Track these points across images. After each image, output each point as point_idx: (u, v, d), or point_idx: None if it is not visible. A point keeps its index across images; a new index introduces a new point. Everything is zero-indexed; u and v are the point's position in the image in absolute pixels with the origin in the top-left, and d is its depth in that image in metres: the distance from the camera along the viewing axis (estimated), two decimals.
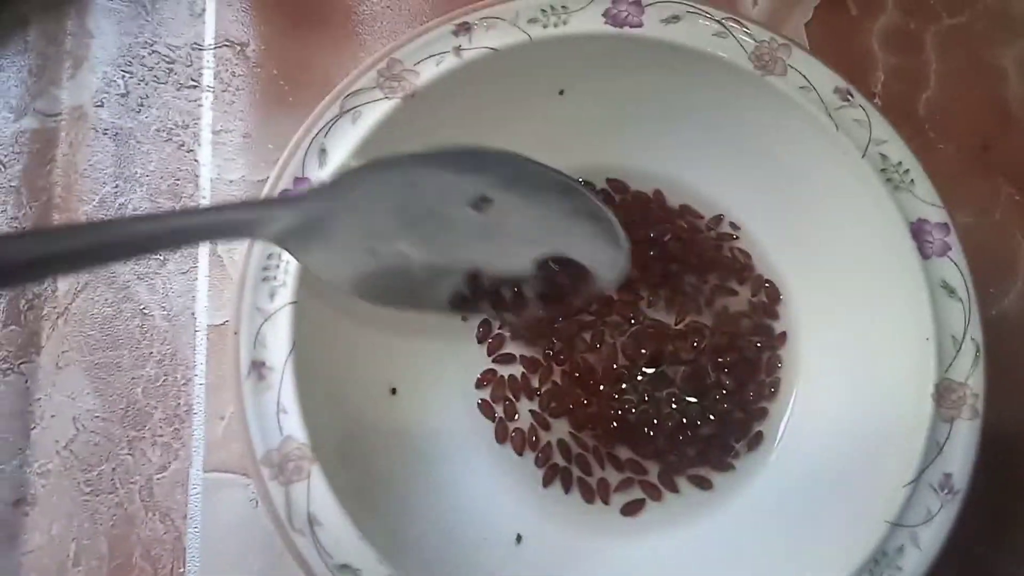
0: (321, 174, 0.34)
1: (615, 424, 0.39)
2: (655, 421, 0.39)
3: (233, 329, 0.32)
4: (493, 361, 0.40)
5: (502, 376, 0.40)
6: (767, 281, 0.40)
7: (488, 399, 0.39)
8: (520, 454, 0.39)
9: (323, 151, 0.34)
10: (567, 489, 0.38)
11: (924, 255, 0.34)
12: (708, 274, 0.40)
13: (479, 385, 0.39)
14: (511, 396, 0.39)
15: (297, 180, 0.34)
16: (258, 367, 0.32)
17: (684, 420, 0.39)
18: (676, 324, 0.40)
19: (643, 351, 0.39)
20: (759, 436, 0.38)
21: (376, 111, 0.34)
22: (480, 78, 0.35)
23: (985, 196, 0.44)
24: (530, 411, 0.39)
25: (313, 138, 0.34)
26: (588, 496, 0.38)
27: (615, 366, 0.39)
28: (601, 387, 0.39)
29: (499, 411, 0.39)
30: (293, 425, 0.32)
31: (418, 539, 0.34)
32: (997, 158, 0.44)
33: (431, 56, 0.35)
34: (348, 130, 0.34)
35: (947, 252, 0.34)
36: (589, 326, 0.40)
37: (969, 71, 0.45)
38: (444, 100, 0.35)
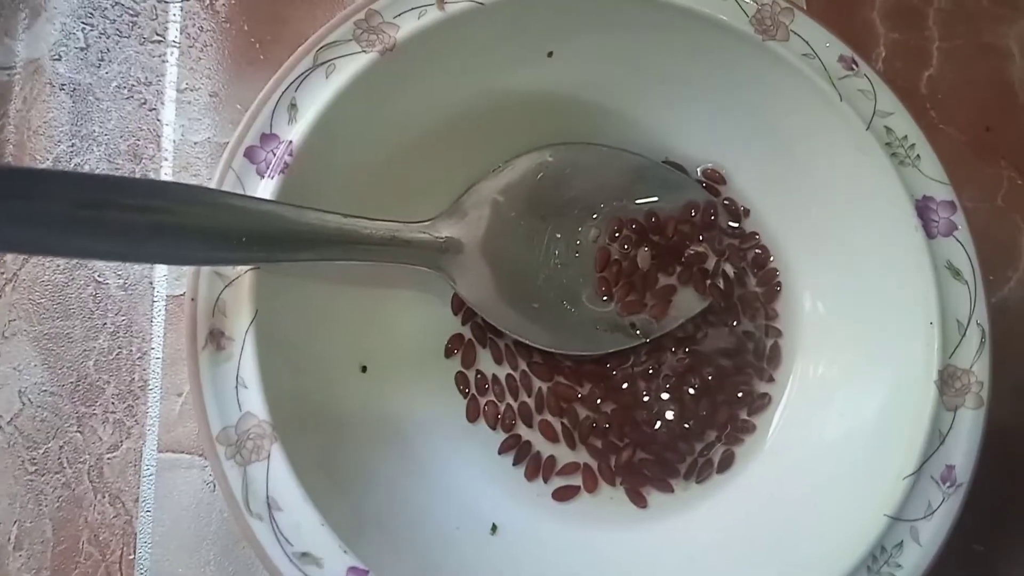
0: (291, 131, 0.31)
1: (598, 401, 0.37)
2: (644, 400, 0.37)
3: (190, 295, 0.30)
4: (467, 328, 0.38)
5: (470, 340, 0.37)
6: (762, 251, 0.38)
7: (462, 370, 0.37)
8: (493, 428, 0.37)
9: (293, 106, 0.32)
10: (518, 461, 0.36)
11: (929, 235, 0.32)
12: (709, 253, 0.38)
13: (448, 354, 0.37)
14: (482, 370, 0.37)
15: (264, 136, 0.31)
16: (216, 337, 0.29)
17: (678, 407, 0.37)
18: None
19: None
20: (751, 426, 0.37)
21: (352, 65, 0.32)
22: (464, 34, 0.33)
23: (987, 180, 0.42)
24: (507, 375, 0.37)
25: (283, 92, 0.32)
26: (533, 472, 0.36)
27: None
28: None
29: (472, 387, 0.37)
30: (253, 400, 0.29)
31: (387, 526, 0.32)
32: (1000, 141, 0.42)
33: (413, 8, 0.32)
34: (321, 84, 0.32)
35: (953, 232, 0.33)
36: None
37: (973, 50, 0.44)
38: (425, 56, 0.33)
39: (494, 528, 0.34)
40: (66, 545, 0.37)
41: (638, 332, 0.37)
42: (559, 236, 0.37)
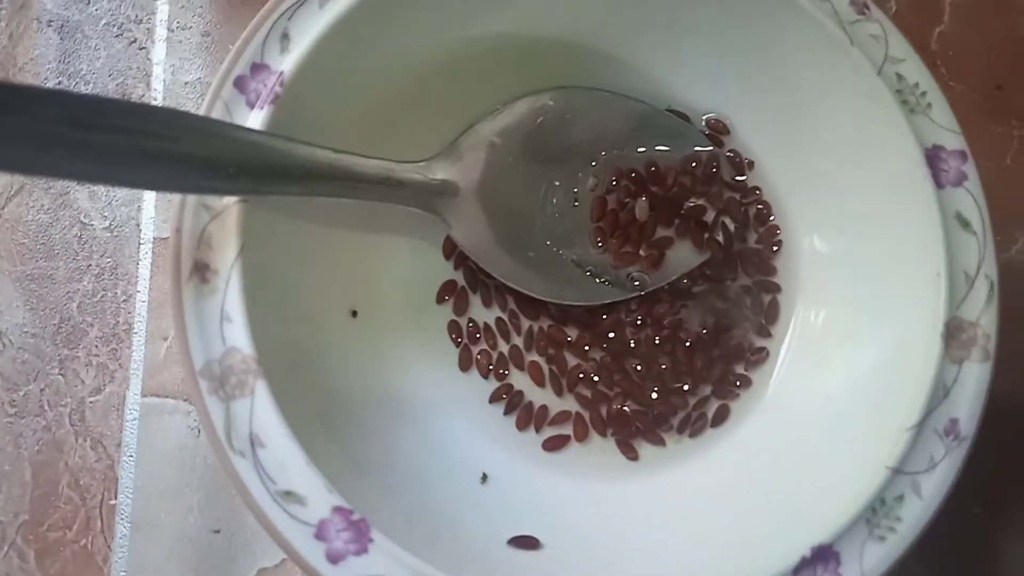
0: (282, 61, 0.30)
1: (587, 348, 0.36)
2: (633, 348, 0.36)
3: (175, 226, 0.29)
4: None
5: (463, 287, 0.37)
6: (763, 206, 0.37)
7: (455, 318, 0.36)
8: (485, 377, 0.36)
9: (285, 36, 0.30)
10: (509, 410, 0.36)
11: (938, 184, 0.31)
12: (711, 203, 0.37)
13: (440, 300, 0.36)
14: (474, 319, 0.37)
15: (255, 66, 0.30)
16: (201, 269, 0.28)
17: (670, 359, 0.36)
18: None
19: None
20: (748, 380, 0.36)
21: None
22: None
23: (997, 139, 0.41)
24: (497, 319, 0.37)
25: (275, 21, 0.30)
26: (524, 422, 0.35)
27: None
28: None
29: (464, 336, 0.36)
30: (238, 335, 0.28)
31: (375, 471, 0.31)
32: (1011, 100, 0.41)
33: None
34: (315, 14, 0.30)
35: (963, 182, 0.32)
36: None
37: (986, 6, 0.43)
38: None
39: (484, 477, 0.34)
40: (45, 489, 0.36)
41: (636, 284, 0.36)
42: (557, 184, 0.36)
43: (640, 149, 0.37)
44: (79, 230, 0.38)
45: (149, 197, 0.38)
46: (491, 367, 0.36)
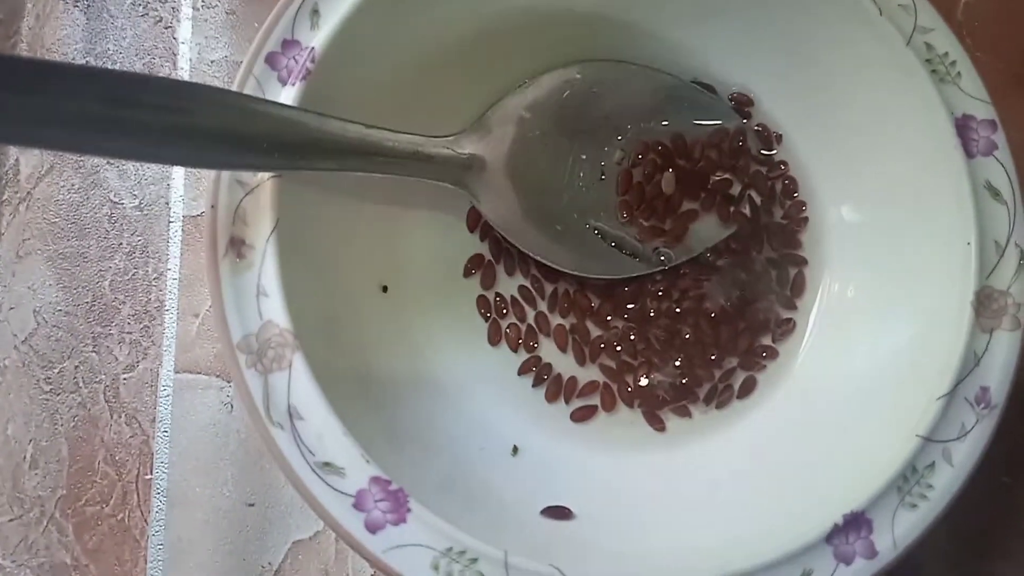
0: (313, 37, 0.30)
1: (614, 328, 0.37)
2: (653, 318, 0.36)
3: (210, 202, 0.29)
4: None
5: (489, 260, 0.37)
6: (790, 181, 0.37)
7: (483, 293, 0.37)
8: (515, 351, 0.36)
9: (316, 12, 0.31)
10: (537, 383, 0.36)
11: (969, 154, 0.31)
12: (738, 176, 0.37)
13: (467, 274, 0.37)
14: (501, 293, 0.37)
15: (286, 42, 0.30)
16: (237, 245, 0.29)
17: (694, 331, 0.36)
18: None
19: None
20: (775, 352, 0.36)
21: None
22: None
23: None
24: (520, 287, 0.37)
25: None
26: (554, 394, 0.36)
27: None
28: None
29: (492, 310, 0.36)
30: (274, 309, 0.28)
31: (411, 443, 0.31)
32: None
33: None
34: None
35: (993, 151, 0.32)
36: None
37: None
38: None
39: (515, 450, 0.34)
40: (82, 464, 0.36)
41: (662, 258, 0.36)
42: (584, 157, 0.36)
43: (667, 122, 0.37)
44: (109, 209, 0.38)
45: (178, 176, 0.38)
46: (520, 340, 0.36)
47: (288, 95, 0.30)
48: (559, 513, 0.32)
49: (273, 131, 0.28)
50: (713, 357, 0.36)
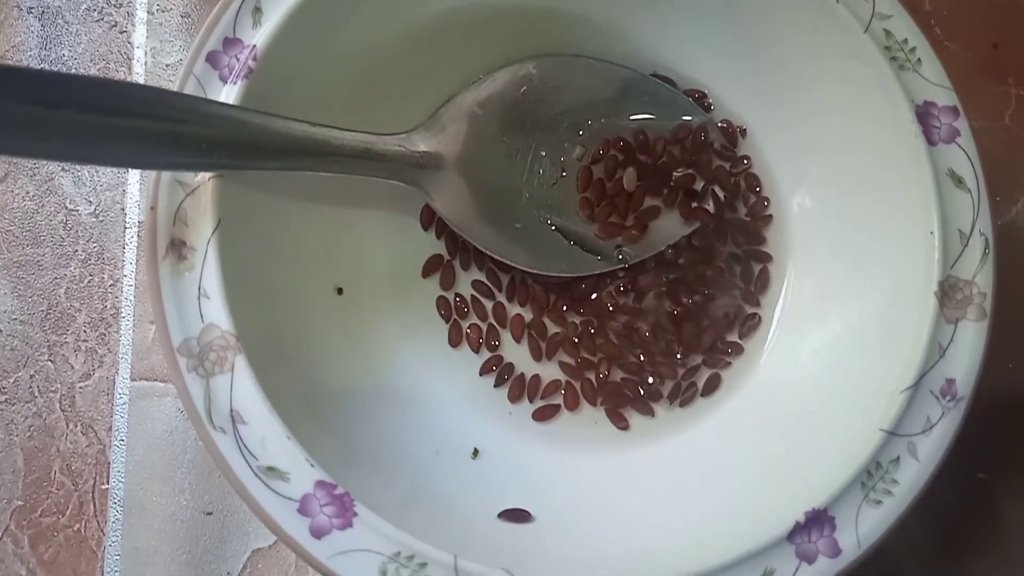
0: (255, 35, 0.30)
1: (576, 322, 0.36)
2: (612, 312, 0.36)
3: (150, 203, 0.28)
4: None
5: (448, 261, 0.36)
6: (753, 177, 0.36)
7: (443, 294, 0.36)
8: (476, 351, 0.35)
9: (258, 9, 0.30)
10: (500, 382, 0.35)
11: (930, 141, 0.31)
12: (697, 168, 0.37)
13: (426, 274, 0.36)
14: (461, 293, 0.36)
15: (227, 41, 0.30)
16: (177, 246, 0.28)
17: (656, 328, 0.35)
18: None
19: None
20: (739, 348, 0.35)
21: None
22: None
23: (994, 99, 0.40)
24: (474, 281, 0.36)
25: None
26: (517, 394, 0.35)
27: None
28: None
29: (453, 311, 0.36)
30: (216, 312, 0.28)
31: (362, 449, 0.31)
32: (1008, 58, 0.40)
33: None
34: None
35: (955, 138, 0.31)
36: None
37: None
38: None
39: (476, 452, 0.33)
40: (38, 475, 0.36)
41: (620, 257, 0.35)
42: (544, 154, 0.36)
43: (630, 117, 0.36)
44: (65, 216, 0.38)
45: (133, 181, 0.38)
46: (481, 340, 0.35)
47: (230, 94, 0.29)
48: (517, 516, 0.31)
49: (213, 131, 0.28)
50: (679, 356, 0.35)
